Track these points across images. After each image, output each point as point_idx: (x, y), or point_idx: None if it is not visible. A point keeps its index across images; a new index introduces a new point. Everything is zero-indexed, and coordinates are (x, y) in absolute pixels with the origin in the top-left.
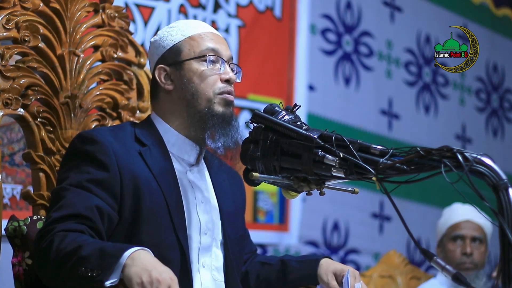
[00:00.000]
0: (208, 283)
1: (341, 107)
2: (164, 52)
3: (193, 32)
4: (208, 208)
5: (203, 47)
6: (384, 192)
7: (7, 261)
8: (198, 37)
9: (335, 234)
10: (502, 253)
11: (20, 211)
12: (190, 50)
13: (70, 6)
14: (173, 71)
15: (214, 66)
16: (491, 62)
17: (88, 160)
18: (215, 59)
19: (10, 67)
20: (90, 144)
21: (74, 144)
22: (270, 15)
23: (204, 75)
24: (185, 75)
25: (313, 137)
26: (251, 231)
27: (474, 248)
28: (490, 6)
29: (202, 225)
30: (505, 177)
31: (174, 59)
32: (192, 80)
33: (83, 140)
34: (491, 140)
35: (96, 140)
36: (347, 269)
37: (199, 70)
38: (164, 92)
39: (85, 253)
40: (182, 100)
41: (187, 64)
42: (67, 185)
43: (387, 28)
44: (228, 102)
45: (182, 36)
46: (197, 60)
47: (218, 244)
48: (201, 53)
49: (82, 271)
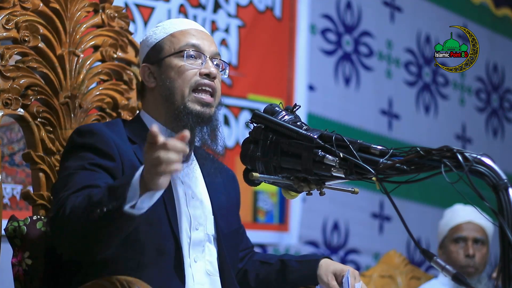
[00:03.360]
0: (201, 278)
1: (341, 107)
2: (148, 50)
3: (174, 29)
4: (199, 204)
5: (183, 43)
6: (384, 192)
7: (7, 261)
8: (179, 33)
9: (335, 234)
10: (502, 253)
11: (20, 211)
12: (170, 47)
13: (70, 6)
14: (155, 68)
15: (195, 61)
16: (491, 62)
17: (90, 151)
18: (196, 54)
19: (10, 67)
20: (90, 136)
21: (73, 139)
22: (270, 15)
23: (181, 70)
24: (164, 72)
25: (313, 137)
26: (251, 231)
27: (476, 249)
28: (490, 6)
29: (193, 221)
30: (505, 177)
31: (156, 56)
32: (170, 76)
33: (82, 134)
34: (491, 140)
35: (95, 131)
36: (347, 269)
37: (178, 65)
38: (148, 90)
39: (95, 198)
40: (162, 97)
41: (167, 61)
42: (71, 170)
43: (387, 28)
44: (204, 103)
45: (165, 33)
46: (176, 56)
47: (211, 239)
48: (180, 48)
49: (98, 212)
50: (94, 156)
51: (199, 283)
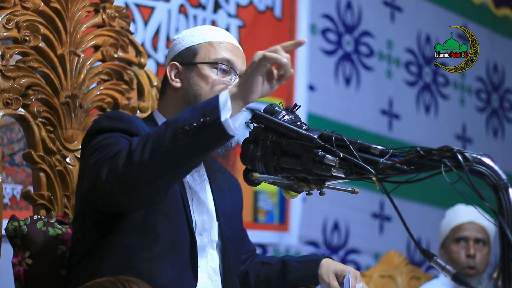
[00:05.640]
0: (205, 284)
1: (341, 107)
2: (181, 50)
3: (213, 38)
4: (205, 210)
5: (219, 55)
6: (384, 192)
7: (7, 261)
8: (216, 44)
9: (335, 234)
10: (502, 253)
11: (20, 211)
12: (205, 54)
13: (70, 6)
14: (184, 70)
15: (225, 76)
16: (491, 62)
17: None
18: (228, 69)
19: (10, 67)
20: (119, 121)
21: (99, 124)
22: (270, 15)
23: (211, 82)
24: (194, 77)
25: (313, 137)
26: (251, 231)
27: (477, 250)
28: (490, 6)
29: (198, 226)
30: (505, 177)
31: (189, 59)
32: (199, 84)
33: (111, 118)
34: (491, 140)
35: (125, 117)
36: (348, 270)
37: (208, 76)
38: (171, 89)
39: (173, 119)
40: (184, 100)
41: (199, 68)
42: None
43: (387, 28)
44: None
45: (202, 39)
46: (209, 66)
47: (214, 245)
48: (215, 60)
49: (185, 129)
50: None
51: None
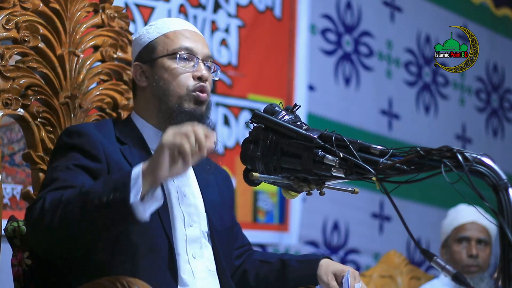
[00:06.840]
0: (203, 273)
1: (341, 107)
2: (141, 49)
3: (168, 30)
4: (191, 202)
5: (176, 45)
6: (384, 192)
7: (6, 261)
8: (172, 35)
9: (335, 234)
10: (502, 253)
11: (20, 211)
12: (163, 47)
13: (70, 6)
14: (147, 68)
15: (187, 63)
16: (491, 62)
17: (77, 152)
18: (188, 56)
19: (10, 67)
20: (77, 137)
21: (61, 140)
22: (270, 15)
23: (175, 73)
24: (157, 72)
25: (313, 137)
26: (251, 231)
27: (479, 250)
28: (490, 6)
29: (186, 218)
30: (505, 177)
31: (149, 56)
32: (164, 77)
33: (70, 134)
34: (491, 140)
35: (83, 133)
36: (347, 270)
37: (171, 68)
38: (140, 89)
39: (87, 188)
40: (154, 97)
41: (160, 62)
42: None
43: (387, 28)
44: (198, 101)
45: (158, 33)
46: (169, 58)
47: (206, 236)
48: (173, 50)
49: (95, 202)
50: (80, 156)
51: (200, 278)
